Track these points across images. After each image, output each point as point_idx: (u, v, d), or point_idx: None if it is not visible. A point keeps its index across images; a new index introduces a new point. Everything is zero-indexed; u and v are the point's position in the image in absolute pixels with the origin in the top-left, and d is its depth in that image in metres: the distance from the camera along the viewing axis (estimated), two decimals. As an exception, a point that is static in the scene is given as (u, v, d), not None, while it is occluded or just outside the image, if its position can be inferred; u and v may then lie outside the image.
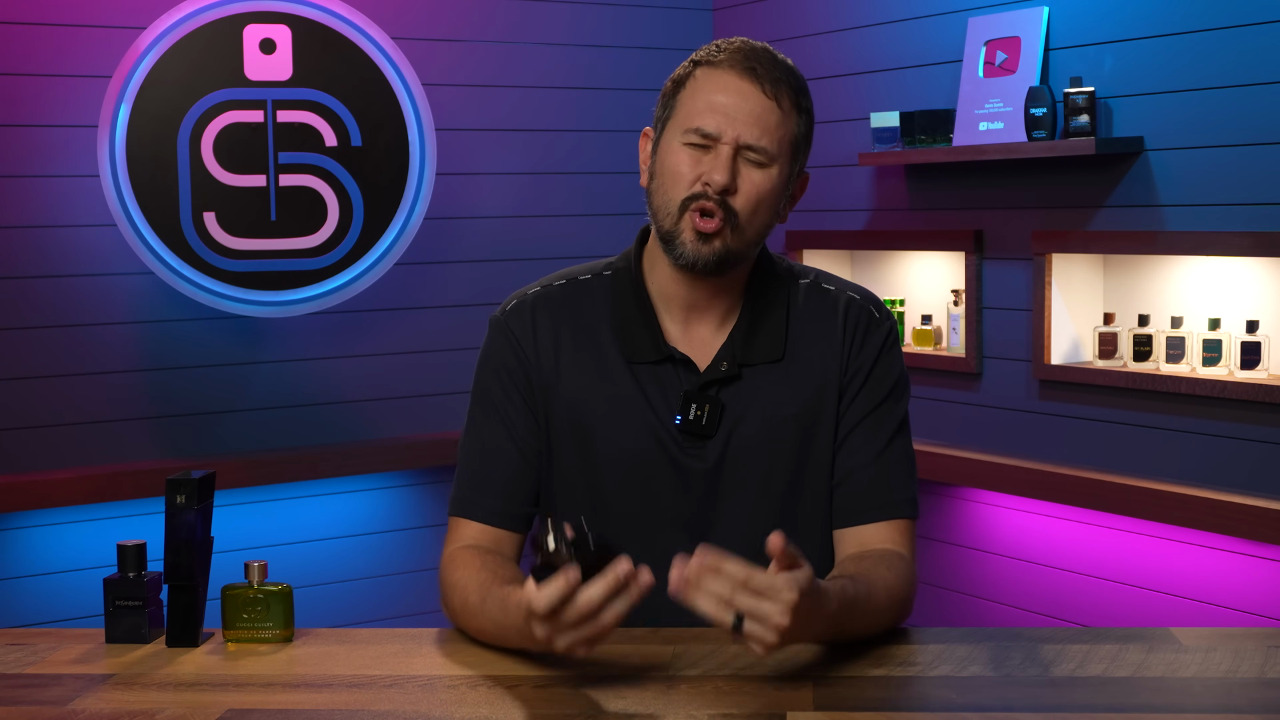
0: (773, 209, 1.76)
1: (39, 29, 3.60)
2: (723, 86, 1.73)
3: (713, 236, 1.72)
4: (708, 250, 1.72)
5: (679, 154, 1.73)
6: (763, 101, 1.72)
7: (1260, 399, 3.06)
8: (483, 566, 1.72)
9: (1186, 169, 3.20)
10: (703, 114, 1.72)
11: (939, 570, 3.87)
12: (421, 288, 4.09)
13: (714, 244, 1.72)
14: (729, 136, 1.71)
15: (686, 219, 1.73)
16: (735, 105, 1.71)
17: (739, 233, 1.73)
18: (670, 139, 1.75)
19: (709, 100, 1.72)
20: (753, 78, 1.72)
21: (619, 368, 1.80)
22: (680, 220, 1.73)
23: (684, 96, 1.75)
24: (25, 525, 3.64)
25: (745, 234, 1.74)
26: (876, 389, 1.81)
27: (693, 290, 1.80)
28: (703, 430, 1.77)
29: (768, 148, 1.72)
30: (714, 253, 1.73)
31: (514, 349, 1.83)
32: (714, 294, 1.80)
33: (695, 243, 1.72)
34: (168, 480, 1.72)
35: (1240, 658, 1.61)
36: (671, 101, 1.77)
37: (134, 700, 1.54)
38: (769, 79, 1.72)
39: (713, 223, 1.71)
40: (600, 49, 4.26)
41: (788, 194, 1.78)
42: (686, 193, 1.72)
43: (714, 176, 1.70)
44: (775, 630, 1.45)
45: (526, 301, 1.85)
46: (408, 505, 4.13)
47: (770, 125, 1.72)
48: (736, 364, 1.79)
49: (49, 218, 3.64)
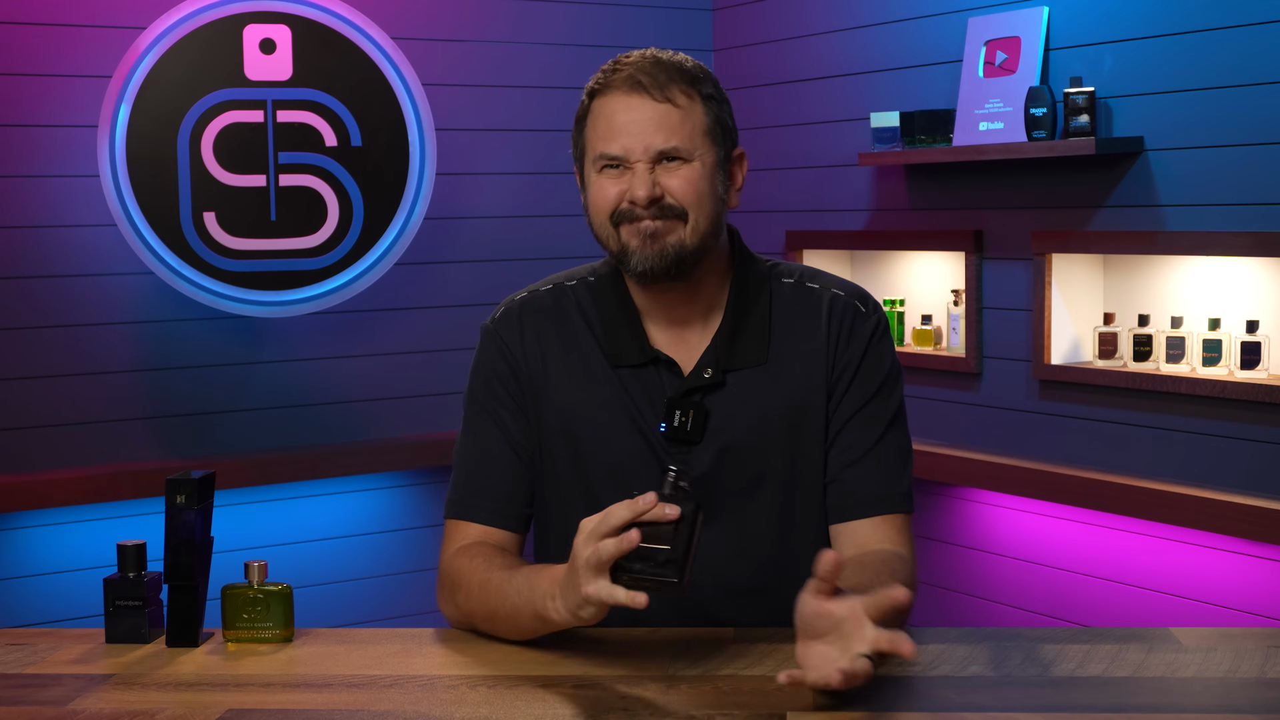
0: (713, 197, 1.76)
1: (39, 29, 3.60)
2: (617, 108, 1.75)
3: (661, 233, 1.73)
4: (657, 248, 1.73)
5: (598, 183, 1.77)
6: (656, 108, 1.74)
7: (1260, 399, 3.06)
8: (492, 557, 1.73)
9: (1186, 169, 3.20)
10: (605, 141, 1.75)
11: (939, 570, 3.87)
12: (421, 288, 4.09)
13: (664, 240, 1.73)
14: (638, 151, 1.73)
15: (623, 232, 1.75)
16: (632, 122, 1.74)
17: (692, 227, 1.74)
18: (589, 171, 1.79)
19: (608, 126, 1.75)
20: (639, 89, 1.74)
21: (605, 372, 1.80)
22: (619, 236, 1.75)
23: (587, 130, 1.79)
24: (25, 525, 3.64)
25: (699, 227, 1.74)
26: (867, 383, 1.81)
27: (666, 299, 1.80)
28: (688, 437, 1.77)
29: (679, 146, 1.74)
30: (665, 251, 1.73)
31: (504, 356, 1.84)
32: (689, 299, 1.81)
33: (644, 244, 1.73)
34: (168, 480, 1.72)
35: (1240, 658, 1.61)
36: (580, 137, 1.81)
37: (134, 700, 1.54)
38: (653, 85, 1.74)
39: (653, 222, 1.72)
40: (600, 49, 4.26)
41: (723, 179, 1.79)
42: (612, 209, 1.75)
43: (637, 192, 1.73)
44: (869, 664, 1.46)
45: (514, 309, 1.87)
46: (408, 505, 4.13)
47: (673, 125, 1.73)
48: (720, 370, 1.79)
49: (49, 218, 3.64)
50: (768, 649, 1.65)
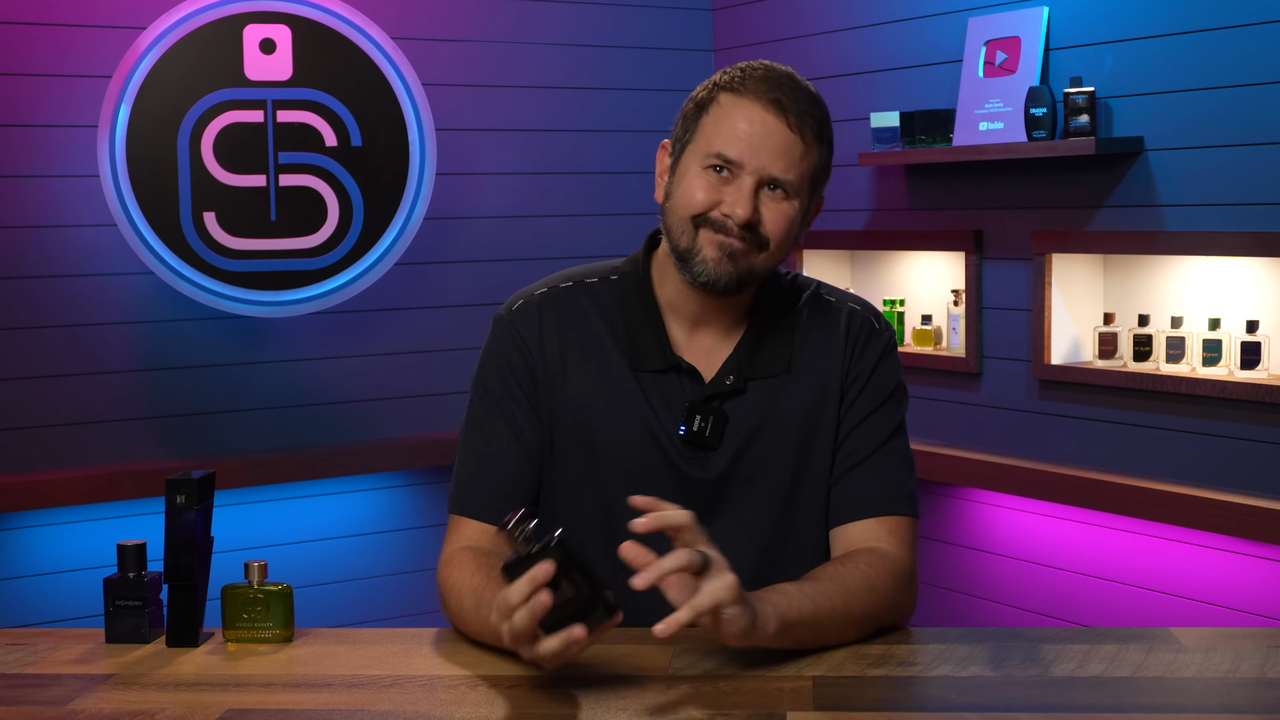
0: (795, 237, 1.77)
1: (39, 29, 3.60)
2: (747, 115, 1.71)
3: (738, 254, 1.72)
4: (730, 267, 1.72)
5: (698, 178, 1.73)
6: (787, 135, 1.70)
7: (1260, 399, 3.06)
8: (478, 569, 1.72)
9: (1186, 169, 3.20)
10: (726, 141, 1.71)
11: (939, 570, 3.87)
12: (421, 288, 4.09)
13: (739, 262, 1.72)
14: (752, 167, 1.70)
15: (702, 236, 1.72)
16: (760, 136, 1.70)
17: (767, 259, 1.74)
18: (690, 162, 1.74)
19: (733, 128, 1.71)
20: (778, 109, 1.70)
21: (624, 374, 1.80)
22: (696, 237, 1.73)
23: (706, 121, 1.74)
24: (25, 525, 3.64)
25: (771, 260, 1.75)
26: (875, 394, 1.82)
27: (703, 304, 1.80)
28: (706, 442, 1.77)
29: (792, 181, 1.72)
30: (736, 270, 1.73)
31: (519, 347, 1.82)
32: (723, 308, 1.81)
33: (718, 258, 1.72)
34: (168, 480, 1.72)
35: (1240, 658, 1.61)
36: (694, 124, 1.75)
37: (134, 700, 1.54)
38: (794, 111, 1.71)
39: (739, 243, 1.71)
40: (600, 49, 4.26)
41: (804, 220, 1.79)
42: (700, 211, 1.72)
43: (736, 210, 1.70)
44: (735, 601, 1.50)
45: (533, 302, 1.85)
46: (408, 505, 4.13)
47: (794, 159, 1.71)
48: (742, 378, 1.79)
49: (49, 218, 3.64)
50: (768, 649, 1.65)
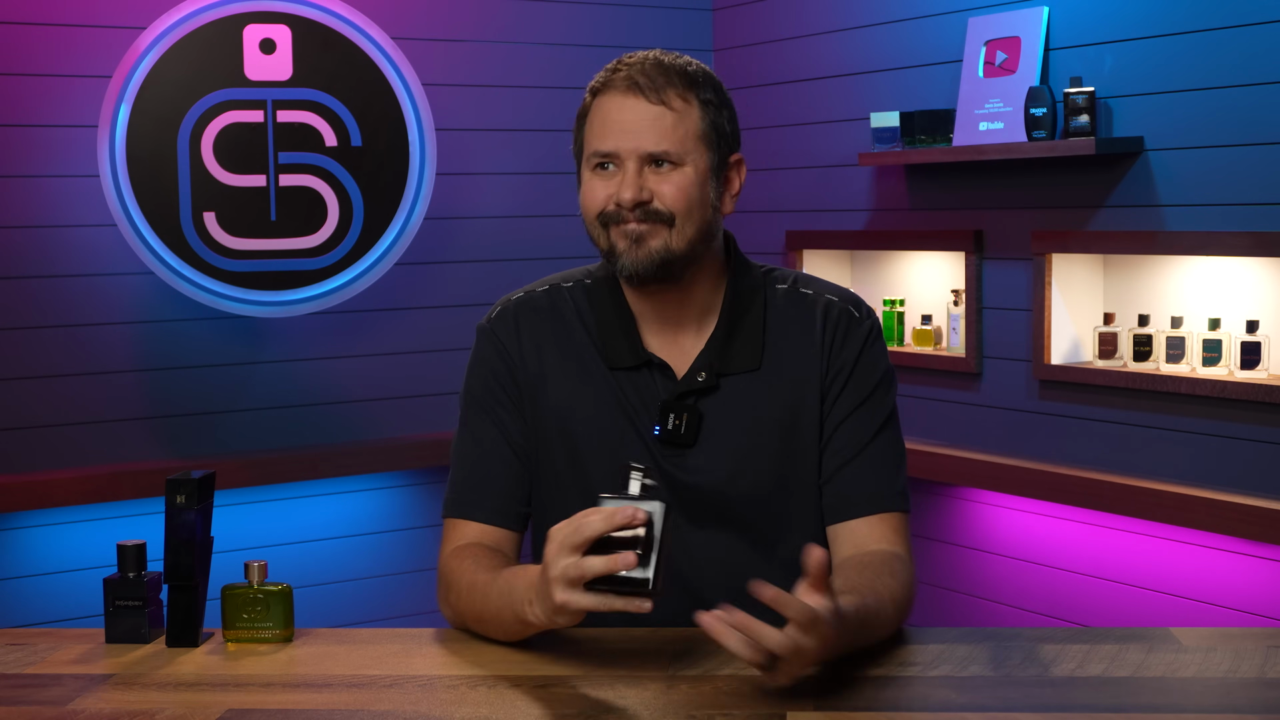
0: (704, 203, 1.77)
1: (39, 29, 3.60)
2: (613, 106, 1.76)
3: (645, 236, 1.74)
4: (642, 253, 1.74)
5: (590, 182, 1.78)
6: (650, 110, 1.74)
7: (1260, 399, 3.06)
8: (480, 559, 1.74)
9: (1186, 169, 3.20)
10: (600, 138, 1.76)
11: (939, 570, 3.87)
12: (421, 288, 4.09)
13: (648, 244, 1.74)
14: (628, 150, 1.74)
15: (611, 234, 1.76)
16: (626, 121, 1.75)
17: (678, 231, 1.74)
18: (583, 170, 1.80)
19: (603, 123, 1.76)
20: (636, 90, 1.75)
21: (601, 373, 1.81)
22: (608, 236, 1.77)
23: (585, 128, 1.80)
24: (25, 525, 3.64)
25: (685, 232, 1.75)
26: (861, 386, 1.81)
27: (659, 302, 1.81)
28: (681, 440, 1.78)
29: (670, 149, 1.74)
30: (650, 255, 1.74)
31: (500, 355, 1.84)
32: (682, 303, 1.81)
33: (629, 248, 1.74)
34: (168, 480, 1.72)
35: (1240, 658, 1.61)
36: (579, 135, 1.82)
37: (134, 700, 1.54)
38: (650, 87, 1.75)
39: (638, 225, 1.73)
40: (600, 49, 4.26)
41: (718, 185, 1.79)
42: (599, 212, 1.76)
43: (623, 195, 1.74)
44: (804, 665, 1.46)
45: (510, 308, 1.87)
46: (408, 505, 4.13)
47: (665, 128, 1.74)
48: (715, 374, 1.79)
49: (49, 218, 3.64)
50: (768, 649, 1.65)
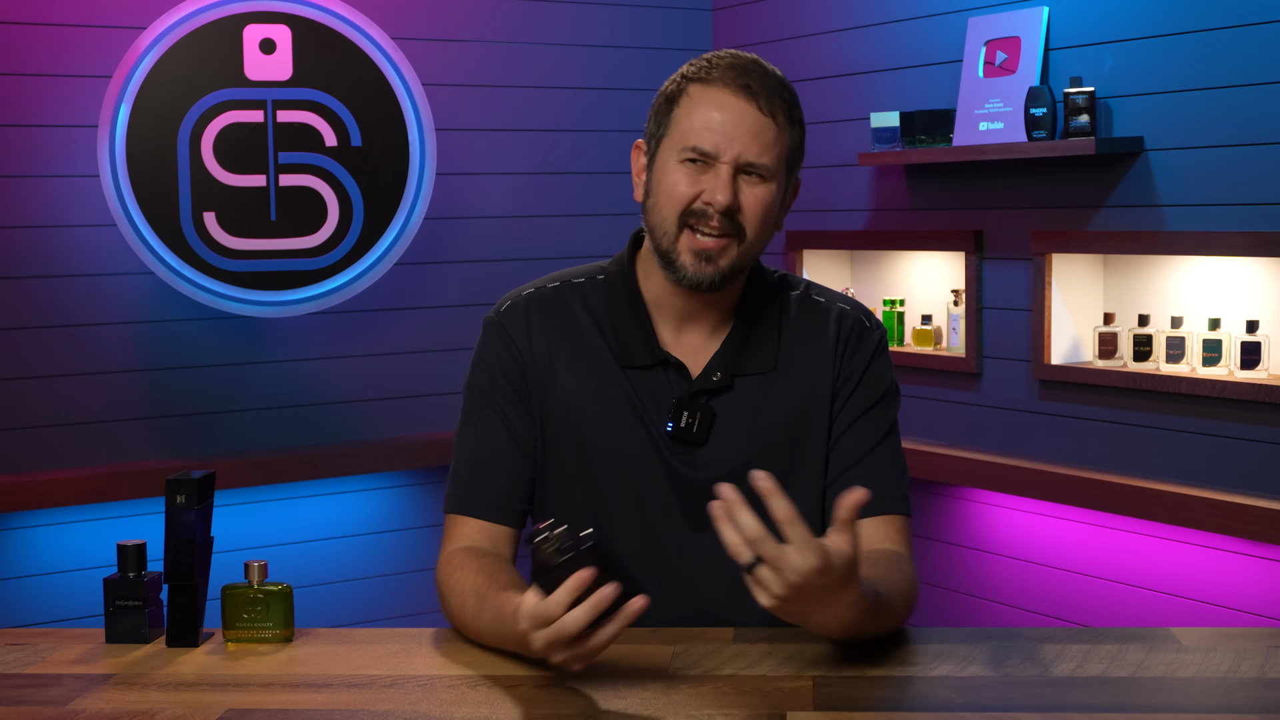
0: (775, 221, 1.77)
1: (39, 29, 3.60)
2: (718, 104, 1.72)
3: (716, 255, 1.73)
4: (710, 270, 1.73)
5: (676, 172, 1.74)
6: (759, 119, 1.72)
7: (1260, 399, 3.06)
8: (479, 570, 1.72)
9: (1186, 169, 3.20)
10: (699, 132, 1.72)
11: (939, 570, 3.87)
12: (421, 288, 4.09)
13: (718, 263, 1.73)
14: (728, 155, 1.71)
15: (684, 239, 1.73)
16: (732, 123, 1.71)
17: (745, 249, 1.74)
18: (666, 157, 1.75)
19: (705, 118, 1.72)
20: (748, 94, 1.72)
21: (612, 371, 1.81)
22: (678, 239, 1.74)
23: (678, 114, 1.75)
24: (25, 525, 3.64)
25: (751, 249, 1.75)
26: (868, 393, 1.83)
27: (688, 302, 1.81)
28: (693, 438, 1.78)
29: (768, 164, 1.72)
30: (717, 272, 1.74)
31: (509, 348, 1.83)
32: (709, 305, 1.82)
33: (696, 264, 1.73)
34: (168, 480, 1.72)
35: (1240, 658, 1.61)
36: (665, 119, 1.76)
37: (134, 700, 1.54)
38: (764, 94, 1.72)
39: (715, 242, 1.72)
40: (600, 49, 4.26)
41: (784, 203, 1.79)
42: (683, 209, 1.73)
43: (716, 196, 1.71)
44: (785, 585, 1.44)
45: (520, 303, 1.86)
46: (408, 505, 4.13)
47: (768, 142, 1.72)
48: (729, 374, 1.80)
49: (49, 218, 3.64)
50: (768, 649, 1.65)
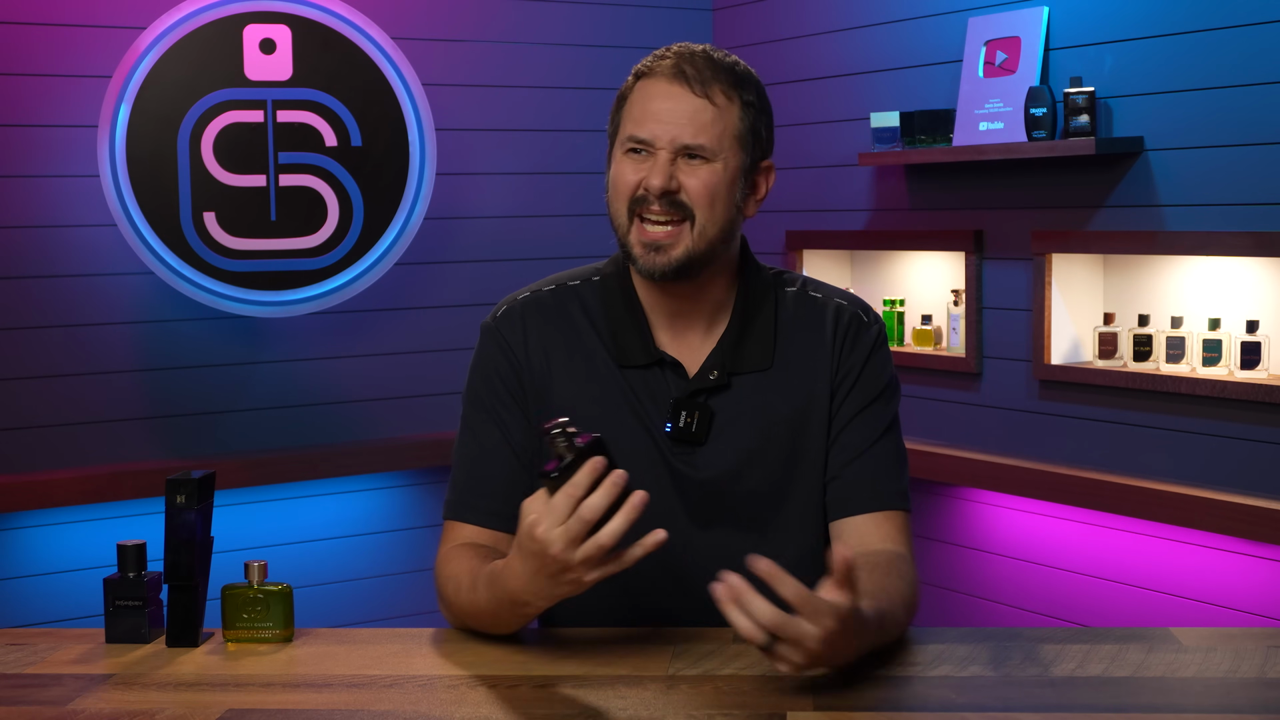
0: (728, 203, 1.77)
1: (39, 29, 3.60)
2: (656, 93, 1.76)
3: (666, 246, 1.74)
4: (662, 259, 1.74)
5: (621, 164, 1.77)
6: (693, 101, 1.74)
7: (1260, 399, 3.06)
8: (475, 556, 1.73)
9: (1186, 169, 3.20)
10: (638, 122, 1.76)
11: (939, 570, 3.87)
12: (421, 288, 4.09)
13: (669, 253, 1.74)
14: (664, 140, 1.74)
15: (634, 231, 1.76)
16: (668, 109, 1.74)
17: (699, 232, 1.74)
18: (616, 153, 1.79)
19: (644, 109, 1.76)
20: (682, 80, 1.75)
21: (610, 372, 1.81)
22: (630, 231, 1.76)
23: (625, 110, 1.79)
24: (25, 525, 3.64)
25: (707, 231, 1.75)
26: (868, 389, 1.82)
27: (672, 298, 1.81)
28: (692, 437, 1.78)
29: (705, 144, 1.74)
30: (670, 261, 1.74)
31: (506, 354, 1.84)
32: (695, 301, 1.81)
33: (646, 254, 1.75)
34: (168, 480, 1.72)
35: (1240, 658, 1.61)
36: (616, 117, 1.81)
37: (134, 700, 1.54)
38: (698, 79, 1.75)
39: (663, 231, 1.73)
40: (600, 49, 4.26)
41: (745, 188, 1.79)
42: (629, 198, 1.75)
43: (651, 181, 1.73)
44: (808, 654, 1.45)
45: (516, 307, 1.87)
46: (408, 505, 4.13)
47: (705, 123, 1.74)
48: (726, 373, 1.80)
49: (49, 218, 3.64)
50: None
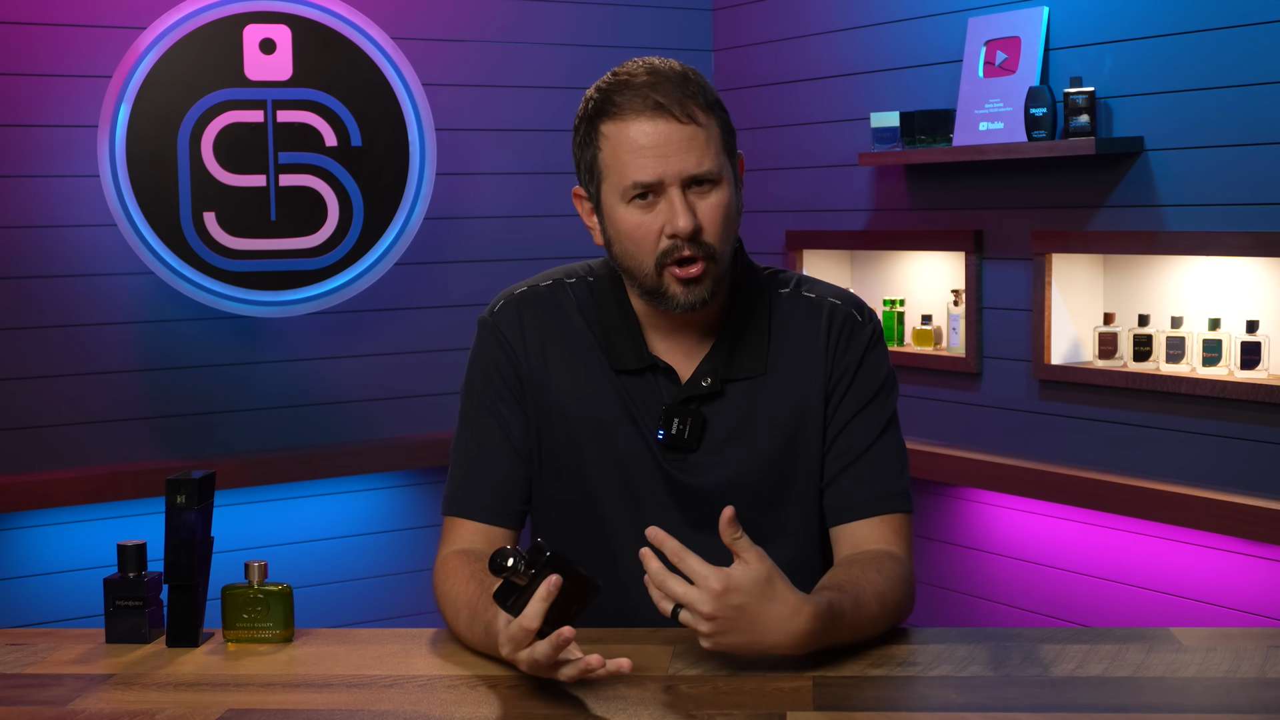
0: (737, 216, 1.75)
1: (39, 29, 3.60)
2: (638, 134, 1.68)
3: (700, 280, 1.71)
4: (700, 290, 1.72)
5: (630, 216, 1.71)
6: (682, 130, 1.68)
7: (1260, 399, 3.06)
8: (471, 577, 1.71)
9: (1186, 169, 3.20)
10: (633, 169, 1.69)
11: (939, 570, 3.87)
12: (421, 288, 4.09)
13: (705, 283, 1.71)
14: (670, 177, 1.68)
15: (667, 275, 1.71)
16: (660, 146, 1.68)
17: (720, 258, 1.72)
18: (613, 203, 1.72)
19: (633, 152, 1.68)
20: (661, 111, 1.68)
21: (604, 374, 1.80)
22: (661, 278, 1.72)
23: (604, 159, 1.72)
24: (25, 525, 3.64)
25: (725, 255, 1.73)
26: (863, 389, 1.80)
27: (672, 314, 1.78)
28: (685, 445, 1.77)
29: (711, 169, 1.70)
30: (706, 290, 1.72)
31: (504, 348, 1.83)
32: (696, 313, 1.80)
33: (685, 291, 1.71)
34: (168, 480, 1.72)
35: (1240, 658, 1.61)
36: (594, 166, 1.74)
37: (134, 700, 1.54)
38: (674, 102, 1.68)
39: (695, 268, 1.70)
40: (600, 49, 4.26)
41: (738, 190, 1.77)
42: (657, 250, 1.70)
43: (679, 224, 1.68)
44: (703, 618, 1.50)
45: (513, 301, 1.85)
46: (408, 505, 4.13)
47: (701, 147, 1.69)
48: (719, 379, 1.78)
49: (49, 218, 3.64)
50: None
